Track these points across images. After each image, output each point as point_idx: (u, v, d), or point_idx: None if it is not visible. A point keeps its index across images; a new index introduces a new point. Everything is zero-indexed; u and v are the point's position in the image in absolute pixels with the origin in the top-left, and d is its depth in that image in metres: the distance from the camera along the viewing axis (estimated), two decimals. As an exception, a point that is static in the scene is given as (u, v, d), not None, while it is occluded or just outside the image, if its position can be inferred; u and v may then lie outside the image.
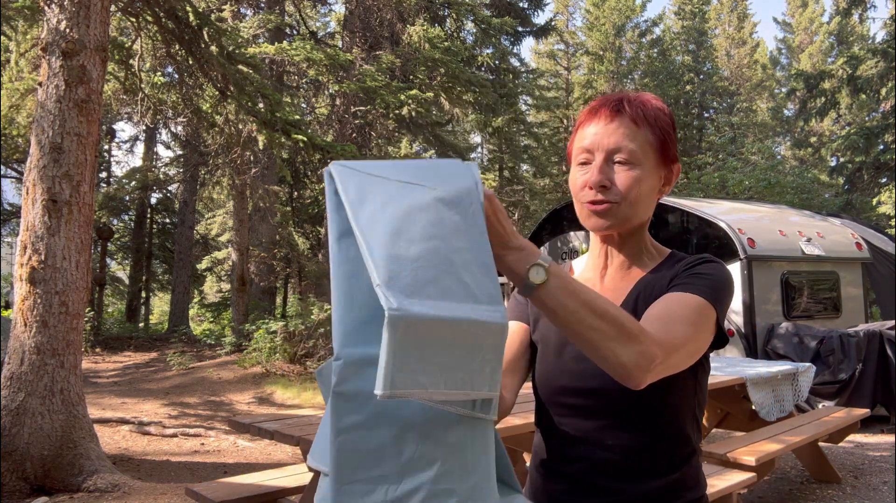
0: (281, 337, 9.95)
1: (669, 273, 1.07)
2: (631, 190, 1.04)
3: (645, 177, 1.05)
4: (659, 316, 0.95)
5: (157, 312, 28.71)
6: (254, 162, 11.51)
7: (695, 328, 0.96)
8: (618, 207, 1.05)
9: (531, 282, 0.83)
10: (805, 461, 4.78)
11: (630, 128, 1.04)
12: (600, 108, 1.07)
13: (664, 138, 1.06)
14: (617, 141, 1.04)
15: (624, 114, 1.05)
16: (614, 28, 25.32)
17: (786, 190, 14.83)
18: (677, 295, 1.00)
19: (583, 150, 1.07)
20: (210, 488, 2.98)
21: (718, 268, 1.05)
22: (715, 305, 0.99)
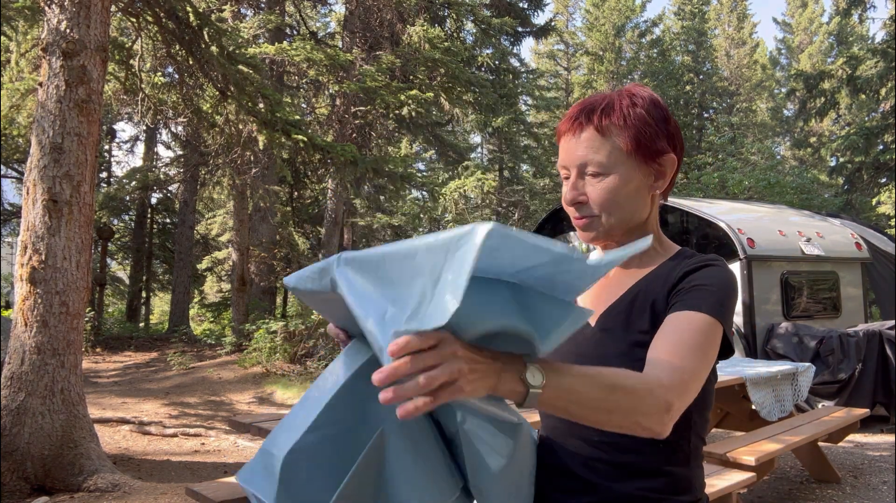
0: (281, 337, 9.95)
1: (671, 275, 1.05)
2: (604, 201, 1.04)
3: (621, 183, 1.04)
4: (667, 347, 0.92)
5: (158, 312, 28.72)
6: (254, 162, 11.51)
7: (704, 353, 0.94)
8: (598, 220, 1.06)
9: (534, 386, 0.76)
10: (805, 461, 4.78)
11: (594, 139, 1.03)
12: (567, 121, 1.07)
13: (637, 137, 1.03)
14: (583, 155, 1.04)
15: (586, 125, 1.04)
16: (614, 28, 25.33)
17: (786, 190, 14.83)
18: (683, 316, 0.96)
19: (561, 167, 1.09)
20: (210, 488, 2.98)
21: (723, 275, 1.02)
22: (723, 321, 0.97)
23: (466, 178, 10.55)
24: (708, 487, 3.09)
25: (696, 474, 1.06)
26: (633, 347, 1.01)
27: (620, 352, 1.02)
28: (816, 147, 25.60)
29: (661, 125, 1.06)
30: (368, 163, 8.73)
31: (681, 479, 1.03)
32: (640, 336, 1.01)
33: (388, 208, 17.57)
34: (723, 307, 0.98)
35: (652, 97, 1.07)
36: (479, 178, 10.41)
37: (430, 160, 24.11)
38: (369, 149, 12.75)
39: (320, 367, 9.79)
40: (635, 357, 0.99)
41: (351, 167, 8.45)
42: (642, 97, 1.06)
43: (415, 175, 10.99)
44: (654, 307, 1.03)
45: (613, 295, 1.09)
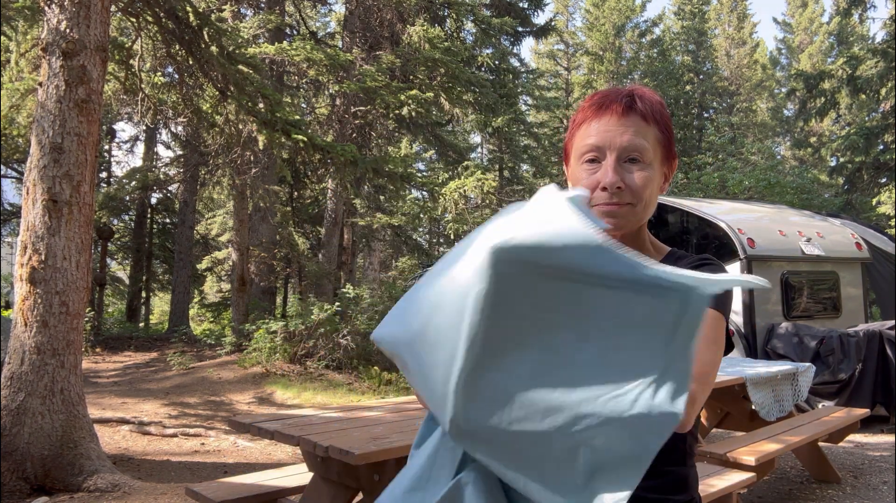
0: (281, 337, 9.95)
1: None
2: (645, 190, 1.00)
3: (655, 175, 1.02)
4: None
5: (158, 312, 28.71)
6: (254, 162, 11.50)
7: (716, 346, 0.96)
8: (633, 209, 1.01)
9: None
10: (805, 461, 4.78)
11: (641, 125, 1.00)
12: (610, 104, 1.01)
13: (669, 134, 1.04)
14: (630, 139, 0.99)
15: (635, 110, 1.00)
16: (614, 28, 25.33)
17: (786, 190, 14.83)
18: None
19: (591, 148, 1.01)
20: (210, 488, 2.98)
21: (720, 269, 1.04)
22: (724, 313, 0.98)
23: (466, 178, 10.54)
24: (708, 487, 3.10)
25: (691, 473, 1.07)
26: None
27: None
28: (816, 147, 25.59)
29: (672, 130, 1.07)
30: (368, 163, 8.73)
31: (678, 478, 1.04)
32: None
33: (388, 208, 17.56)
34: (725, 304, 0.99)
35: (662, 101, 1.07)
36: (479, 178, 10.40)
37: (430, 160, 24.10)
38: (369, 149, 12.75)
39: (320, 367, 9.79)
40: None
41: (351, 167, 8.45)
42: (659, 99, 1.05)
43: (415, 175, 10.98)
44: None
45: None
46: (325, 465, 2.65)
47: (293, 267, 15.24)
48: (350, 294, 10.50)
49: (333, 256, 13.48)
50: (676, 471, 1.04)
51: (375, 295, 11.22)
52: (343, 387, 9.16)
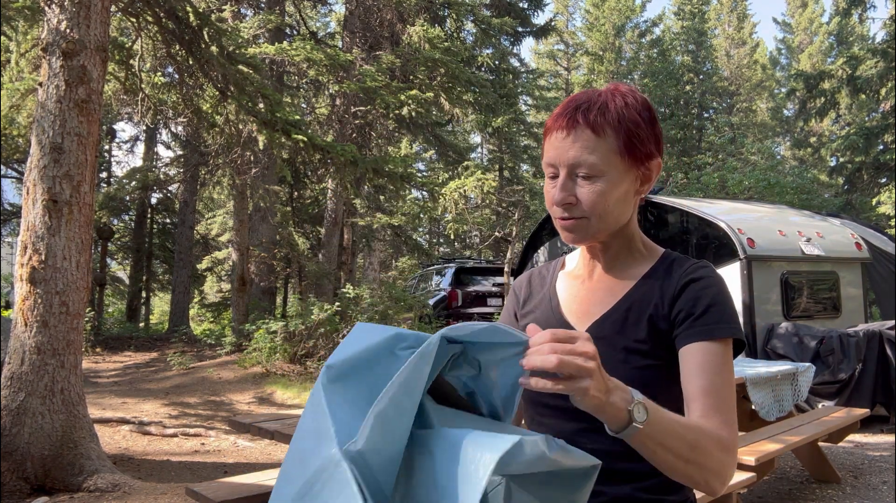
0: (281, 337, 9.95)
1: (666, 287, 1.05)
2: (596, 205, 1.01)
3: (612, 186, 1.01)
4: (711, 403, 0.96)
5: (158, 312, 28.72)
6: (254, 162, 11.51)
7: (732, 383, 1.00)
8: (587, 223, 1.02)
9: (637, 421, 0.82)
10: (805, 461, 4.78)
11: (589, 139, 0.99)
12: (559, 118, 1.02)
13: (630, 139, 1.00)
14: (576, 155, 0.99)
15: (581, 124, 1.00)
16: (614, 28, 25.33)
17: (786, 190, 14.84)
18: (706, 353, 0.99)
19: (547, 164, 1.04)
20: (210, 488, 2.98)
21: (719, 289, 1.04)
22: (738, 334, 1.03)
23: (466, 178, 10.54)
24: (708, 487, 3.10)
25: None
26: (629, 354, 1.03)
27: (617, 360, 1.02)
28: (816, 147, 25.60)
29: (650, 128, 1.04)
30: (368, 163, 8.73)
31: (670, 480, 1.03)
32: (636, 345, 1.03)
33: (388, 208, 17.56)
34: (733, 321, 1.03)
35: (644, 99, 1.05)
36: (479, 177, 10.40)
37: (430, 160, 24.10)
38: (369, 149, 12.75)
39: (320, 367, 9.78)
40: (629, 363, 1.02)
41: (351, 167, 8.45)
42: (635, 98, 1.03)
43: (415, 175, 10.97)
44: (651, 319, 1.03)
45: (604, 302, 1.09)
46: (326, 465, 2.64)
47: (293, 267, 15.25)
48: (350, 294, 10.50)
49: (333, 256, 13.49)
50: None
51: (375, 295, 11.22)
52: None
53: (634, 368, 1.01)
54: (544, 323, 1.12)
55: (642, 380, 0.97)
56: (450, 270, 13.20)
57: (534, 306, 1.18)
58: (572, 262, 1.21)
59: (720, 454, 0.90)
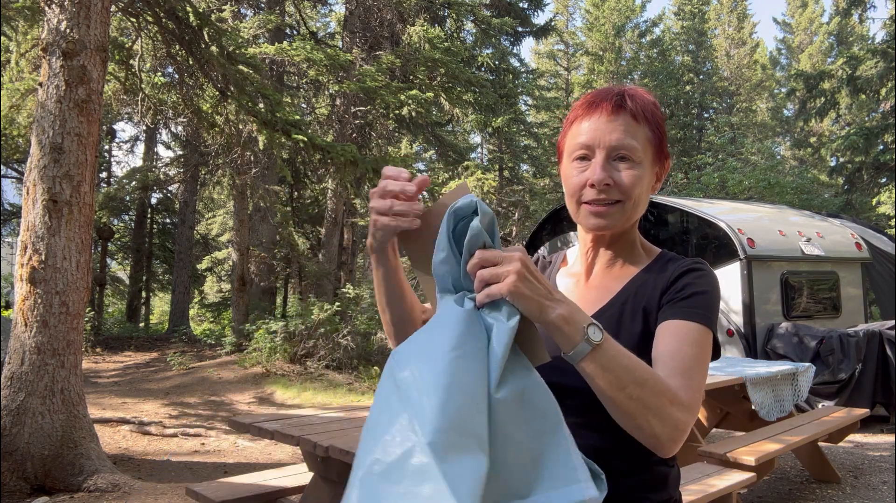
0: (281, 337, 9.95)
1: (660, 280, 1.05)
2: (634, 189, 1.01)
3: (645, 175, 1.03)
4: (675, 364, 0.94)
5: (158, 312, 28.72)
6: (254, 162, 11.51)
7: (704, 365, 0.96)
8: (621, 207, 1.02)
9: (591, 341, 0.84)
10: (805, 461, 4.78)
11: (631, 124, 1.01)
12: (600, 102, 1.03)
13: (660, 134, 1.05)
14: (619, 138, 1.01)
15: (625, 109, 1.02)
16: (614, 28, 25.32)
17: (786, 190, 14.85)
18: (681, 327, 0.98)
19: (581, 146, 1.03)
20: (210, 488, 2.98)
21: (710, 282, 1.03)
22: (712, 328, 1.00)
23: (466, 177, 10.55)
24: (708, 487, 3.10)
25: (672, 472, 1.07)
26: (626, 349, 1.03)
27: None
28: (816, 147, 25.60)
29: (665, 130, 1.07)
30: (368, 163, 8.72)
31: (657, 478, 1.04)
32: (632, 338, 1.02)
33: (389, 208, 17.52)
34: (713, 314, 1.00)
35: (656, 101, 1.07)
36: (479, 177, 10.40)
37: (430, 160, 24.09)
38: (369, 149, 12.75)
39: (320, 367, 9.79)
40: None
41: (351, 167, 8.44)
42: (652, 99, 1.06)
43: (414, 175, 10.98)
44: (645, 311, 1.03)
45: (600, 299, 1.09)
46: (325, 465, 2.65)
47: (293, 267, 15.25)
48: (350, 294, 10.50)
49: (333, 256, 13.48)
50: (656, 469, 1.04)
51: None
52: (343, 387, 9.16)
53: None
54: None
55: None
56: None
57: None
58: (572, 258, 1.22)
59: (669, 405, 0.86)
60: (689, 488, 3.07)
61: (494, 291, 0.82)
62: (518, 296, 0.82)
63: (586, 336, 0.83)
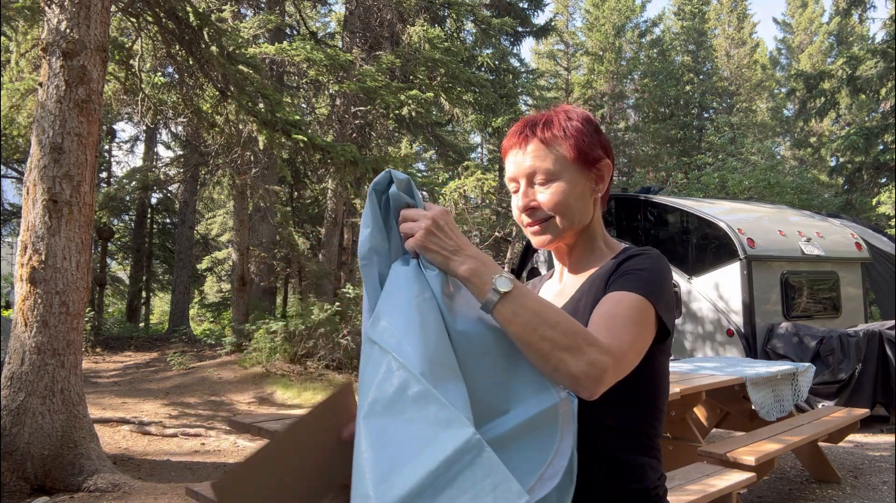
0: (281, 337, 9.94)
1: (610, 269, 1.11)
2: (557, 203, 1.11)
3: (569, 186, 1.11)
4: (602, 321, 0.98)
5: (158, 312, 28.72)
6: (254, 162, 11.50)
7: (638, 328, 0.99)
8: (552, 222, 1.12)
9: (498, 290, 0.90)
10: (805, 461, 4.78)
11: (540, 149, 1.12)
12: (511, 136, 1.15)
13: (579, 146, 1.12)
14: (531, 164, 1.12)
15: (531, 138, 1.13)
16: (614, 28, 25.32)
17: (786, 190, 14.84)
18: (615, 294, 1.03)
19: (510, 180, 1.16)
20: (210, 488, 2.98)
21: (652, 261, 1.08)
22: (651, 299, 1.02)
23: (466, 177, 10.54)
24: (708, 487, 3.10)
25: (650, 464, 1.08)
26: None
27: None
28: (816, 147, 25.59)
29: (595, 136, 1.15)
30: (368, 163, 8.72)
31: (633, 467, 1.06)
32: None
33: (388, 208, 17.53)
34: (651, 286, 1.03)
35: (584, 114, 1.17)
36: (479, 177, 10.40)
37: (430, 160, 24.09)
38: (369, 149, 12.74)
39: (320, 367, 9.78)
40: None
41: (351, 167, 8.44)
42: (576, 113, 1.16)
43: (415, 175, 10.98)
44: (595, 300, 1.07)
45: (564, 299, 1.17)
46: (326, 465, 2.64)
47: (293, 267, 15.23)
48: (350, 294, 10.50)
49: (333, 256, 13.48)
50: (631, 459, 1.06)
51: (375, 295, 11.20)
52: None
53: None
54: None
55: None
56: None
57: None
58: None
59: (585, 345, 0.89)
60: (689, 488, 3.07)
61: (408, 245, 0.96)
62: (424, 250, 0.94)
63: (494, 286, 0.90)
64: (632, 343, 0.96)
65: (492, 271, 0.92)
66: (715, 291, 6.98)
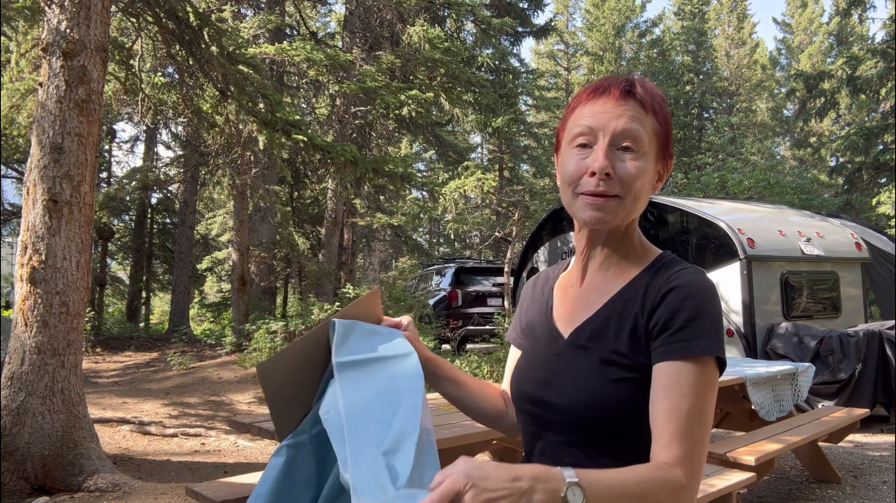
0: (281, 337, 9.94)
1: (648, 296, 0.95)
2: (636, 182, 0.94)
3: (649, 169, 0.96)
4: (673, 429, 0.86)
5: (158, 312, 28.72)
6: (254, 162, 11.50)
7: (705, 412, 0.88)
8: (620, 202, 0.94)
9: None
10: (805, 461, 4.78)
11: (640, 112, 0.95)
12: (608, 87, 0.96)
13: (667, 129, 0.98)
14: (626, 124, 0.93)
15: (634, 95, 0.95)
16: (614, 28, 25.33)
17: (786, 190, 14.85)
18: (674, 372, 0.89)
19: (583, 130, 0.95)
20: (210, 488, 2.98)
21: (701, 300, 0.91)
22: (715, 351, 0.90)
23: (466, 177, 10.53)
24: (708, 487, 3.10)
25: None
26: (604, 365, 0.95)
27: (589, 369, 0.96)
28: (816, 147, 25.61)
29: (670, 127, 1.00)
30: (368, 163, 8.72)
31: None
32: (614, 356, 0.95)
33: (388, 208, 17.56)
34: (711, 334, 0.90)
35: (663, 95, 1.01)
36: (479, 177, 10.39)
37: (430, 160, 24.10)
38: (369, 149, 12.74)
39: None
40: (605, 376, 0.94)
41: (351, 167, 8.44)
42: (661, 93, 0.99)
43: (415, 175, 10.97)
44: (633, 330, 0.95)
45: (590, 306, 1.02)
46: (326, 465, 2.65)
47: (293, 267, 15.24)
48: (350, 294, 10.50)
49: (333, 256, 13.48)
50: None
51: (375, 295, 11.20)
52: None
53: (610, 381, 0.94)
54: (538, 328, 1.10)
55: (619, 394, 0.93)
56: (450, 270, 13.20)
57: (533, 311, 1.14)
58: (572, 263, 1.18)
59: (670, 499, 0.82)
60: (689, 488, 3.06)
61: None
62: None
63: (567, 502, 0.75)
64: (703, 441, 0.87)
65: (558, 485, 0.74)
66: (715, 291, 6.97)
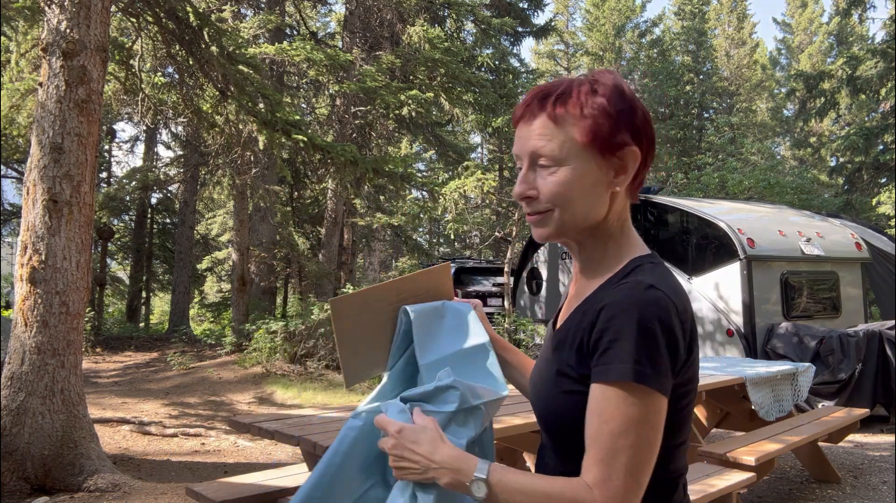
0: (281, 337, 9.95)
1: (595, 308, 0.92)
2: (557, 195, 0.93)
3: (574, 176, 0.93)
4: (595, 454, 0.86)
5: (158, 312, 28.71)
6: (254, 162, 11.50)
7: (632, 435, 0.84)
8: (550, 216, 0.95)
9: (478, 498, 0.90)
10: (805, 461, 4.78)
11: (547, 127, 0.93)
12: (521, 107, 0.98)
13: (596, 128, 0.92)
14: (533, 145, 0.94)
15: (539, 113, 0.95)
16: (614, 28, 25.34)
17: (786, 190, 14.85)
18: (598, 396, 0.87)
19: (515, 156, 0.99)
20: (210, 488, 2.98)
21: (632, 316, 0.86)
22: (638, 378, 0.84)
23: (466, 177, 10.53)
24: (708, 487, 3.10)
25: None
26: (560, 377, 0.95)
27: (549, 377, 0.98)
28: (816, 147, 25.61)
29: (625, 116, 0.94)
30: (368, 163, 8.72)
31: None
32: (567, 368, 0.94)
33: (388, 208, 17.56)
34: (636, 362, 0.84)
35: (617, 85, 0.95)
36: (479, 177, 10.39)
37: (430, 160, 24.10)
38: (369, 149, 12.75)
39: (320, 367, 9.78)
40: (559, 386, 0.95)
41: (351, 167, 8.44)
42: (605, 84, 0.95)
43: (415, 175, 10.98)
44: (580, 347, 0.92)
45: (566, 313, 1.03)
46: (326, 465, 2.64)
47: (293, 267, 15.24)
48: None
49: (333, 256, 13.48)
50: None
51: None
52: (343, 387, 9.16)
53: (563, 392, 0.94)
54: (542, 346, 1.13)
55: (569, 405, 0.92)
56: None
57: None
58: None
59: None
60: (690, 488, 3.06)
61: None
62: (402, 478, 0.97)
63: (472, 492, 0.90)
64: (631, 466, 0.84)
65: (465, 476, 0.91)
66: (715, 291, 6.98)
